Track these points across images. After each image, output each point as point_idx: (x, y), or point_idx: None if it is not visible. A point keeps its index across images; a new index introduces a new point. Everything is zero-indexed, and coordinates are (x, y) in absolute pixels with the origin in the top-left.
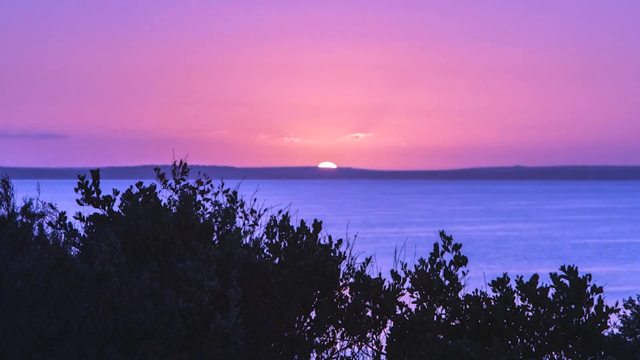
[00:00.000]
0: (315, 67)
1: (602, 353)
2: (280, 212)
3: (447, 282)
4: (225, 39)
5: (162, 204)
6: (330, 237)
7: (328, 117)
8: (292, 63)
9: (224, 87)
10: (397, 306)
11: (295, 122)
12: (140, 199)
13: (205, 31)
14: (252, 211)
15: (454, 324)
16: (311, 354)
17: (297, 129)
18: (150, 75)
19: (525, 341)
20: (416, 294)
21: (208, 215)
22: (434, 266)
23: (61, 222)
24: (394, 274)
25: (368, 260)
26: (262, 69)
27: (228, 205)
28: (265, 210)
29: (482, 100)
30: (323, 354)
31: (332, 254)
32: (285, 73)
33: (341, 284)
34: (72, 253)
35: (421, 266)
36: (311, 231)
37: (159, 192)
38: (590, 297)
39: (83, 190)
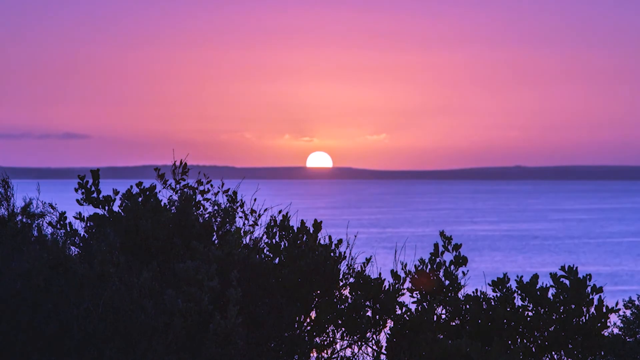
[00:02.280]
0: (341, 67)
1: (602, 353)
2: (280, 212)
3: (447, 282)
4: (252, 40)
5: (162, 204)
6: (330, 237)
7: (354, 118)
8: (316, 64)
9: (247, 88)
10: (397, 306)
11: (320, 123)
12: (140, 199)
13: (225, 32)
14: (252, 211)
15: (454, 324)
16: (311, 354)
17: (320, 129)
18: (168, 76)
19: (525, 341)
20: (416, 294)
21: (208, 215)
22: (434, 266)
23: (61, 222)
24: (394, 274)
25: (368, 260)
26: (286, 69)
27: (228, 205)
28: (265, 210)
29: (482, 101)
30: (323, 354)
31: (332, 254)
32: (308, 73)
33: (341, 284)
34: (72, 253)
35: (421, 266)
36: (311, 231)
37: (159, 192)
38: (590, 297)
39: (83, 190)
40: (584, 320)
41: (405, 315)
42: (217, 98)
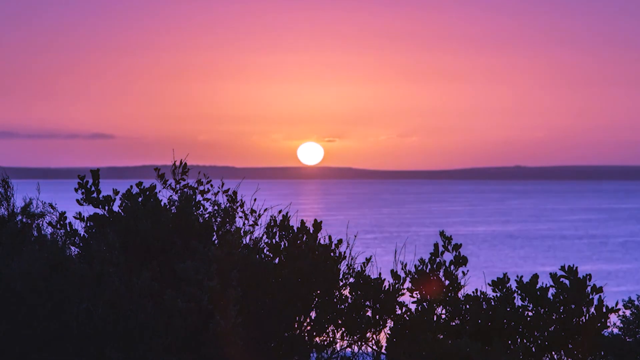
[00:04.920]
0: (361, 68)
1: (602, 353)
2: (280, 212)
3: (447, 282)
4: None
5: (162, 204)
6: (330, 237)
7: (375, 118)
8: (340, 65)
9: (271, 90)
10: (397, 306)
11: (347, 124)
12: (140, 199)
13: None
14: (252, 211)
15: (454, 324)
16: (311, 354)
17: (343, 131)
18: (182, 77)
19: (525, 341)
20: (416, 294)
21: (208, 215)
22: (434, 266)
23: (61, 222)
24: (394, 274)
25: (368, 260)
26: (305, 73)
27: (228, 205)
28: (265, 210)
29: (481, 101)
30: (323, 354)
31: (332, 254)
32: (331, 76)
33: (341, 284)
34: (72, 253)
35: (421, 266)
36: (311, 231)
37: (159, 192)
38: (590, 297)
39: (83, 190)
40: (584, 320)
41: (405, 315)
42: (246, 99)
